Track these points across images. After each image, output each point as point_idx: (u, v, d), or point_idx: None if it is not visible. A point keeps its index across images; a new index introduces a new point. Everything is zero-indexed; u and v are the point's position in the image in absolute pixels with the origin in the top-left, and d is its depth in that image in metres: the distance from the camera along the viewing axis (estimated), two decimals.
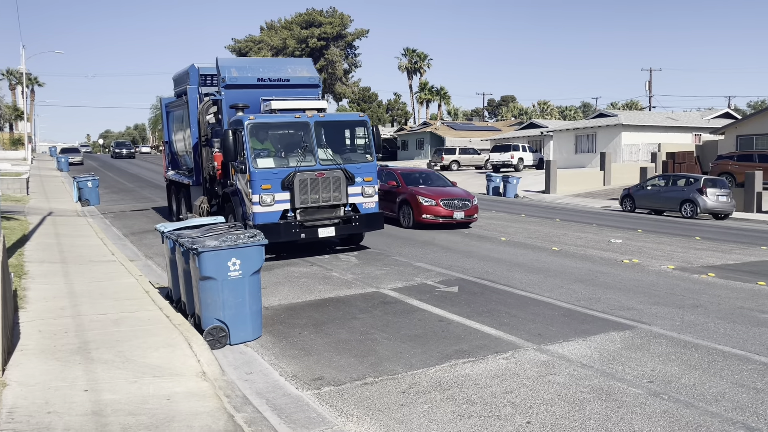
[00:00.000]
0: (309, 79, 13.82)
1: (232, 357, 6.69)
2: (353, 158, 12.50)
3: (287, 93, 13.27)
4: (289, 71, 13.72)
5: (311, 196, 11.78)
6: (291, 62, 14.53)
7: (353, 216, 12.26)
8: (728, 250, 14.16)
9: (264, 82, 13.36)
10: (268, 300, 9.02)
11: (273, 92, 13.21)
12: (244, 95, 13.03)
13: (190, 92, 15.24)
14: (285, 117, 12.09)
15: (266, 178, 11.54)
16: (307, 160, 11.82)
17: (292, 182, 11.57)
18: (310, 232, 11.82)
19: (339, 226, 12.14)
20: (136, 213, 21.07)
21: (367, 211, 12.53)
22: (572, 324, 7.84)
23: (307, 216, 11.91)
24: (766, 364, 6.38)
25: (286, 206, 11.70)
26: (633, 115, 49.10)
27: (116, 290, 8.98)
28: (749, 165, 27.09)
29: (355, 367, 6.39)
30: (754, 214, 22.90)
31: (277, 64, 14.36)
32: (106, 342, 6.60)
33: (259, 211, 11.54)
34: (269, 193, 11.54)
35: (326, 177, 11.89)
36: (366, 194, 12.46)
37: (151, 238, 14.78)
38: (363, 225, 12.46)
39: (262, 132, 12.06)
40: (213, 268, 6.83)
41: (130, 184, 33.58)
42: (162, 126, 19.58)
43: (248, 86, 13.21)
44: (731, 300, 9.13)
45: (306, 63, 14.41)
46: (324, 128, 12.24)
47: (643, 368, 6.26)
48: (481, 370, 6.24)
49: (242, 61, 15.01)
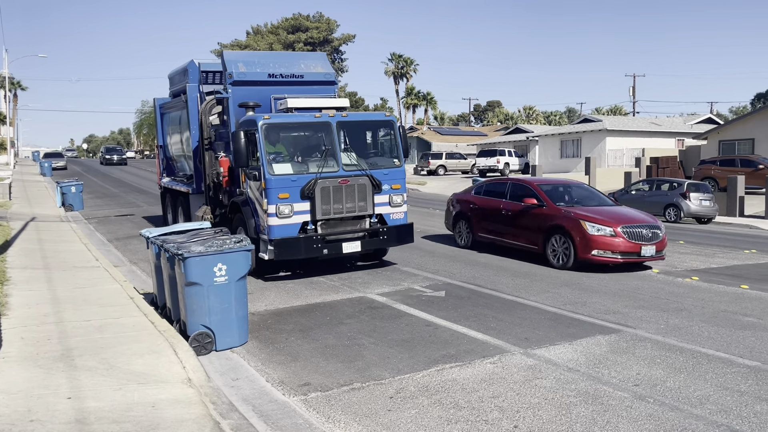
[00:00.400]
0: (324, 76, 12.50)
1: (218, 363, 6.64)
2: (379, 163, 11.26)
3: (300, 91, 12.00)
4: (302, 66, 12.37)
5: (334, 206, 10.52)
6: (304, 57, 13.19)
7: (380, 228, 11.01)
8: (711, 253, 14.30)
9: (275, 78, 11.98)
10: (255, 305, 8.97)
11: (285, 90, 11.93)
12: (252, 93, 11.69)
13: (190, 91, 13.90)
14: (303, 117, 10.84)
15: (284, 186, 10.24)
16: (329, 165, 10.55)
17: (312, 191, 10.31)
18: (333, 247, 10.54)
19: (365, 240, 10.89)
20: (120, 218, 20.89)
21: (396, 222, 11.27)
22: (558, 328, 7.87)
23: (329, 229, 10.63)
24: (749, 367, 6.44)
25: (306, 218, 10.42)
26: (617, 120, 49.58)
27: (100, 296, 8.89)
28: (731, 170, 27.41)
29: (342, 372, 6.37)
30: (736, 218, 23.16)
31: (289, 59, 12.96)
32: (89, 349, 6.52)
33: (275, 224, 10.25)
34: (287, 203, 10.25)
35: (350, 185, 10.64)
36: (394, 203, 11.21)
37: (136, 244, 14.66)
38: (391, 238, 11.16)
39: (278, 133, 10.79)
40: (199, 273, 6.78)
41: (114, 189, 33.31)
42: (156, 129, 17.98)
43: (258, 83, 11.86)
44: (715, 303, 9.22)
45: (320, 58, 13.13)
46: (346, 129, 11.02)
47: (628, 372, 6.30)
48: (468, 374, 6.25)
49: (250, 55, 13.77)
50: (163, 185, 17.39)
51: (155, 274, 8.30)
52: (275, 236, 10.22)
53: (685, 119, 52.58)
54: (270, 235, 10.27)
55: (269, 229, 10.29)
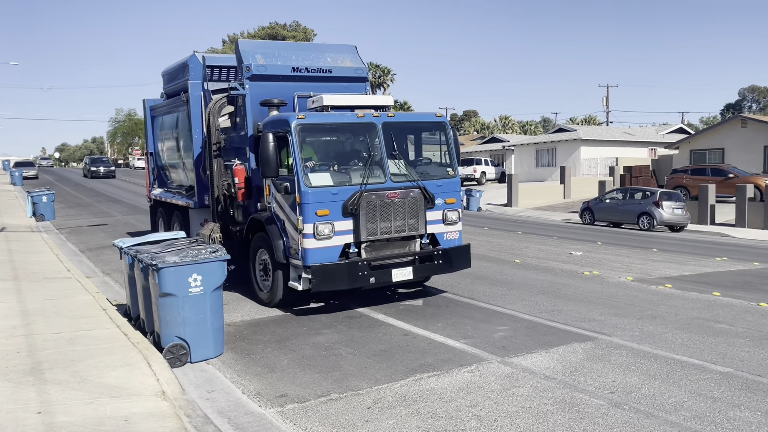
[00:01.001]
0: (355, 71, 10.90)
1: (193, 375, 6.54)
2: (431, 172, 9.66)
3: (328, 88, 10.35)
4: (329, 60, 10.75)
5: (381, 224, 8.87)
6: (330, 49, 11.26)
7: (435, 251, 9.37)
8: (684, 261, 14.52)
9: (300, 72, 10.36)
10: (231, 316, 8.87)
11: (310, 87, 10.38)
12: (272, 89, 10.03)
13: (192, 88, 11.82)
14: (344, 116, 9.25)
15: (323, 201, 8.55)
16: (374, 175, 8.92)
17: (357, 206, 8.65)
18: (381, 275, 8.85)
19: (417, 266, 9.23)
20: (93, 228, 20.56)
21: (450, 243, 9.62)
22: (535, 336, 7.91)
23: (375, 252, 8.97)
24: (722, 373, 6.53)
25: (348, 239, 8.74)
26: (591, 129, 50.29)
27: (72, 308, 8.72)
28: (702, 179, 27.93)
29: (319, 383, 6.32)
30: (707, 226, 23.57)
31: (314, 51, 11.13)
32: (60, 362, 6.38)
33: (312, 247, 8.51)
34: (327, 221, 8.55)
35: (400, 199, 8.99)
36: (449, 221, 9.58)
37: (109, 254, 14.42)
38: (447, 263, 9.49)
39: (315, 136, 9.26)
40: (173, 284, 6.69)
41: (87, 199, 32.80)
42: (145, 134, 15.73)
43: (279, 78, 10.21)
44: (688, 310, 9.35)
45: (349, 51, 11.22)
46: (393, 132, 9.29)
47: (604, 379, 6.35)
48: (446, 383, 6.24)
49: (269, 46, 11.42)
50: (154, 198, 15.19)
51: (128, 284, 8.17)
52: (313, 262, 8.49)
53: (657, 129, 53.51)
54: (306, 260, 8.55)
55: (304, 253, 8.55)
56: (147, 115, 15.45)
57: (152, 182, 15.52)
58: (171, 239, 8.09)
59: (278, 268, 9.11)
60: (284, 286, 9.08)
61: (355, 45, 11.21)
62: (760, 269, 13.60)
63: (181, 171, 13.54)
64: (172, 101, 13.36)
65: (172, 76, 13.37)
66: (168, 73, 13.67)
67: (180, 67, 12.69)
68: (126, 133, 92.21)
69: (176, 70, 13.04)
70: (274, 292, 9.29)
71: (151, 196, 15.41)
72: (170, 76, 13.53)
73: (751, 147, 32.76)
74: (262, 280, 9.73)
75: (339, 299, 9.82)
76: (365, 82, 11.04)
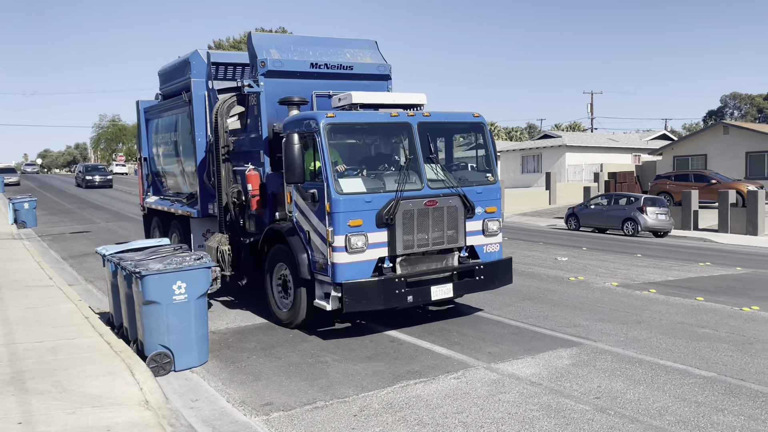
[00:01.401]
0: (378, 68, 10.11)
1: (177, 384, 6.48)
2: (469, 178, 8.91)
3: (348, 86, 9.53)
4: (349, 56, 9.95)
5: (417, 236, 8.07)
6: (349, 43, 10.28)
7: (476, 267, 8.54)
8: (668, 266, 14.64)
9: (319, 69, 9.57)
10: (216, 324, 8.80)
11: (329, 84, 9.62)
12: (288, 87, 9.23)
13: (195, 87, 10.85)
14: (377, 116, 8.39)
15: (356, 210, 7.72)
16: (410, 180, 8.15)
17: (393, 216, 7.85)
18: (419, 293, 8.04)
19: (457, 283, 8.41)
20: (76, 235, 20.35)
21: (491, 257, 8.83)
22: (521, 342, 7.92)
23: (410, 267, 8.18)
24: (706, 377, 6.57)
25: (382, 252, 7.90)
26: (576, 136, 50.68)
27: (54, 316, 8.61)
28: (686, 184, 28.23)
29: (305, 390, 6.28)
30: (691, 232, 23.81)
31: (332, 46, 10.07)
32: (42, 371, 6.29)
33: (344, 261, 7.65)
34: (360, 232, 7.71)
35: (438, 207, 8.21)
36: (489, 232, 8.79)
37: (92, 262, 14.27)
38: (489, 279, 8.68)
39: (344, 138, 8.52)
40: (157, 291, 6.63)
41: (69, 205, 32.47)
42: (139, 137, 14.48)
43: (296, 74, 9.44)
44: (672, 315, 9.42)
45: (370, 46, 10.39)
46: (429, 133, 8.49)
47: (589, 384, 6.37)
48: (432, 390, 6.23)
49: (284, 40, 10.27)
50: (148, 206, 14.00)
51: (111, 292, 8.09)
52: (345, 278, 7.64)
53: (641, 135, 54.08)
54: (336, 276, 7.68)
55: (335, 268, 7.68)
56: (141, 118, 14.21)
57: (146, 189, 14.32)
58: (155, 246, 8.02)
59: (301, 285, 8.21)
60: (308, 305, 8.21)
61: (375, 40, 10.47)
62: (742, 274, 13.74)
63: (181, 177, 12.54)
64: (170, 102, 12.37)
65: (171, 74, 12.31)
66: (166, 72, 12.61)
67: (180, 65, 11.66)
68: (110, 139, 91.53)
69: (176, 69, 11.98)
70: (296, 312, 8.39)
71: (145, 205, 14.22)
72: (168, 75, 12.47)
73: (733, 153, 33.19)
74: (280, 298, 8.81)
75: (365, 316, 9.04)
76: (388, 81, 10.26)
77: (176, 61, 11.91)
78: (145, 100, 14.19)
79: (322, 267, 7.88)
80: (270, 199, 9.16)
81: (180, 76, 11.64)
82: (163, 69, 12.71)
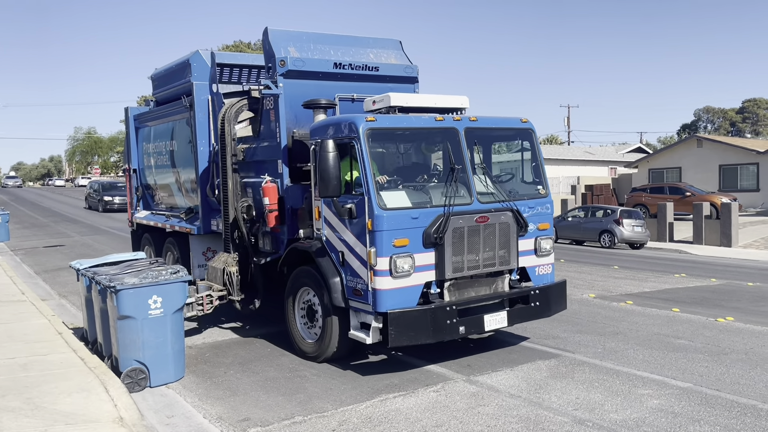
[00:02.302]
0: (405, 69, 9.30)
1: (152, 400, 6.37)
2: (519, 190, 8.03)
3: (374, 89, 8.70)
4: (372, 56, 9.12)
5: (468, 257, 7.15)
6: (372, 43, 9.38)
7: (531, 292, 7.66)
8: (644, 278, 14.81)
9: (343, 69, 8.72)
10: (192, 338, 8.69)
11: (353, 87, 8.82)
12: (310, 89, 8.37)
13: (198, 91, 9.84)
14: (421, 120, 7.45)
15: (401, 227, 6.78)
16: (459, 194, 7.24)
17: (442, 234, 6.91)
18: (471, 323, 7.13)
19: (511, 311, 7.52)
20: (49, 249, 20.00)
21: (543, 280, 7.95)
22: (500, 354, 7.93)
23: (459, 293, 7.28)
24: (682, 388, 6.63)
25: (429, 276, 6.98)
26: (553, 149, 51.28)
27: (26, 332, 8.43)
28: (661, 197, 28.65)
29: (283, 405, 6.21)
30: (666, 243, 24.12)
31: (354, 45, 9.17)
32: (13, 388, 6.15)
33: (388, 287, 6.69)
34: (406, 253, 6.78)
35: (490, 224, 7.29)
36: (541, 251, 7.92)
37: (66, 276, 14.03)
38: (544, 306, 7.81)
39: (385, 145, 7.57)
40: (132, 306, 6.53)
41: (43, 219, 31.95)
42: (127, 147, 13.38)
43: (318, 75, 8.57)
44: (648, 326, 9.51)
45: (394, 46, 9.56)
46: (476, 140, 7.60)
47: (568, 396, 6.39)
48: (411, 403, 6.20)
49: (302, 37, 8.87)
50: (137, 221, 12.82)
51: (86, 307, 7.94)
52: (389, 307, 6.67)
53: (617, 148, 54.92)
54: (378, 304, 6.71)
55: (376, 295, 6.71)
56: (130, 125, 13.03)
57: (135, 204, 13.15)
58: (130, 260, 7.91)
59: (333, 313, 7.26)
60: (340, 335, 7.29)
61: (400, 40, 9.71)
62: (717, 285, 13.94)
63: (177, 190, 11.44)
64: (167, 107, 11.33)
65: (168, 78, 11.26)
66: (161, 75, 11.55)
67: (179, 67, 10.65)
68: (85, 152, 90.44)
69: (174, 71, 10.96)
70: (325, 343, 7.42)
71: (134, 220, 12.98)
72: (164, 79, 11.42)
73: (706, 166, 33.80)
74: (305, 327, 7.86)
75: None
76: (415, 83, 9.45)
77: (174, 63, 10.97)
78: (135, 107, 13.29)
79: (360, 293, 6.91)
80: (288, 215, 8.17)
81: (179, 78, 10.69)
82: (158, 72, 11.76)
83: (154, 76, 11.97)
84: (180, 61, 10.66)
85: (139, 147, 12.93)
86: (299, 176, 8.16)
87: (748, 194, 32.11)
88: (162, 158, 11.82)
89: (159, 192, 12.41)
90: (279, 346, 8.37)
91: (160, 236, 11.83)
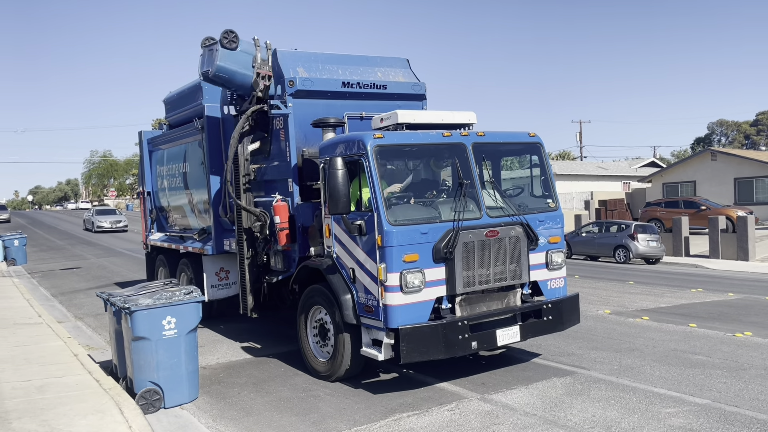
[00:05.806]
0: (413, 87, 9.44)
1: (166, 421, 6.38)
2: (529, 204, 8.03)
3: (382, 107, 8.82)
4: (380, 75, 9.25)
5: (478, 271, 7.18)
6: (380, 61, 9.54)
7: (544, 306, 7.65)
8: (660, 293, 14.65)
9: (351, 88, 8.89)
10: (206, 359, 8.71)
11: (361, 105, 8.95)
12: (319, 109, 8.52)
13: (209, 113, 10.08)
14: (429, 136, 7.50)
15: (411, 242, 6.81)
16: (468, 209, 7.30)
17: (452, 249, 6.95)
18: (483, 338, 7.13)
19: (524, 325, 7.53)
20: (66, 272, 20.20)
21: (555, 293, 7.93)
22: (514, 371, 7.87)
23: (470, 308, 7.28)
24: (700, 405, 6.54)
25: (440, 292, 7.00)
26: (566, 164, 51.12)
27: (42, 354, 8.50)
28: (676, 211, 28.41)
29: (296, 426, 6.20)
30: (682, 258, 23.87)
31: (362, 64, 9.34)
32: (29, 411, 6.19)
33: (398, 303, 6.70)
34: (416, 268, 6.80)
35: (500, 238, 7.33)
36: (553, 265, 7.93)
37: (82, 298, 14.16)
38: (557, 320, 7.76)
39: (393, 161, 7.58)
40: (146, 327, 6.57)
41: (60, 242, 32.30)
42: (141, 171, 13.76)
43: (327, 94, 8.74)
44: (665, 342, 9.39)
45: (401, 64, 9.73)
46: (484, 155, 7.69)
47: (584, 414, 6.32)
48: (425, 423, 6.16)
49: (310, 57, 9.06)
50: (152, 243, 13.09)
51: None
52: (400, 323, 6.67)
53: (630, 163, 54.63)
54: (390, 320, 6.71)
55: (387, 311, 6.72)
56: (144, 149, 13.40)
57: (149, 226, 13.37)
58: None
59: (344, 331, 7.27)
60: (353, 353, 7.30)
61: (407, 58, 9.91)
62: (734, 300, 13.76)
63: (190, 211, 11.65)
64: (179, 130, 11.58)
65: (180, 101, 11.50)
66: (173, 99, 11.82)
67: (191, 91, 10.87)
68: (101, 175, 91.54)
69: (186, 94, 11.20)
70: (339, 361, 7.41)
71: (148, 242, 13.24)
72: (176, 102, 11.68)
73: (721, 179, 33.53)
74: (317, 346, 7.89)
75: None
76: (423, 101, 9.55)
77: (186, 87, 11.22)
78: (149, 131, 13.68)
79: (371, 309, 6.92)
80: (299, 234, 8.28)
81: (190, 102, 10.92)
82: (170, 96, 12.04)
83: (166, 100, 12.19)
84: (192, 84, 10.83)
85: (152, 170, 13.17)
86: (309, 194, 8.28)
87: (764, 207, 31.74)
88: (175, 180, 12.01)
89: (172, 213, 12.56)
90: (293, 366, 8.36)
91: (174, 257, 12.02)
